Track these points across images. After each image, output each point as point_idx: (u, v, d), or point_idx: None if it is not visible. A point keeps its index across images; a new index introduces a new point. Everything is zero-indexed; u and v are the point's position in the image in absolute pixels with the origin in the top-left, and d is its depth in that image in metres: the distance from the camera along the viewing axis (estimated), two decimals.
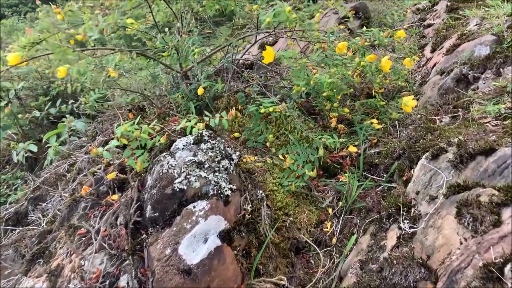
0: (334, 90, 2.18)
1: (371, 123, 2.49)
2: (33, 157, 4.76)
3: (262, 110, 2.08)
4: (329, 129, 2.56)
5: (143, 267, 1.68)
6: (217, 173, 1.76)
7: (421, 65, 3.07)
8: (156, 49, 2.25)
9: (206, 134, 1.78)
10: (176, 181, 1.69)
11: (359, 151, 2.36)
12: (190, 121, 1.78)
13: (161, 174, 1.70)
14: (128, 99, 2.34)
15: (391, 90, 2.82)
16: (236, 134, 2.35)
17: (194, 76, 2.53)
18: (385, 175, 2.19)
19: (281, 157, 2.19)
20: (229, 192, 1.76)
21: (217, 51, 2.32)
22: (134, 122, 1.71)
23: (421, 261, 1.64)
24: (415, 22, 3.67)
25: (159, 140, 1.75)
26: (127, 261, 1.69)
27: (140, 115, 2.60)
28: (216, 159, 1.77)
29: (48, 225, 2.62)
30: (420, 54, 3.20)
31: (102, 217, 1.84)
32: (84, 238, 1.77)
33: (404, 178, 2.07)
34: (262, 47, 4.99)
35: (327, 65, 2.22)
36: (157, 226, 1.73)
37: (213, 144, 1.76)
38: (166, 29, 2.31)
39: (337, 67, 2.20)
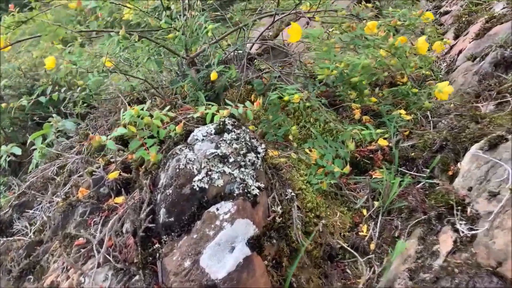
0: (365, 76, 1.91)
1: (400, 114, 2.23)
2: (17, 161, 4.36)
3: (286, 98, 1.80)
4: (353, 121, 2.30)
5: (156, 283, 1.39)
6: (242, 169, 1.47)
7: (444, 53, 2.84)
8: (158, 30, 1.96)
9: (229, 123, 1.49)
10: (196, 178, 1.40)
11: (391, 145, 2.10)
12: (209, 108, 1.49)
13: (177, 170, 1.40)
14: (129, 86, 2.04)
15: (415, 79, 2.58)
16: (251, 127, 2.07)
17: (202, 62, 2.25)
18: (425, 170, 1.93)
19: (307, 151, 1.91)
20: (257, 192, 1.48)
21: (232, 32, 2.04)
22: (144, 108, 1.42)
23: (490, 268, 1.38)
24: (430, 10, 3.45)
25: (174, 129, 1.46)
26: (137, 277, 1.40)
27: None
28: (242, 152, 1.49)
29: (36, 235, 2.30)
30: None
31: (104, 224, 1.54)
32: (83, 250, 1.47)
33: (450, 173, 1.81)
34: (263, 39, 4.72)
35: (356, 46, 1.96)
36: (172, 233, 1.44)
37: (238, 134, 1.48)
38: (172, 7, 2.02)
39: (368, 48, 1.94)
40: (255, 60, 2.43)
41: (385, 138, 2.13)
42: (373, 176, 1.96)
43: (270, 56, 2.79)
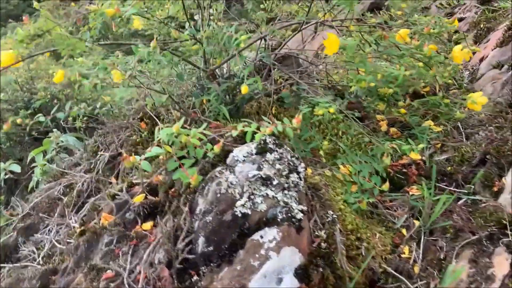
0: (400, 87, 1.81)
1: (429, 125, 2.14)
2: (13, 179, 4.17)
3: (320, 112, 1.69)
4: (380, 133, 2.20)
5: None
6: (286, 191, 1.35)
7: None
8: (182, 41, 1.84)
9: (270, 141, 1.37)
10: (238, 203, 1.28)
11: (423, 158, 2.00)
12: (249, 125, 1.37)
13: (218, 195, 1.28)
14: (151, 101, 1.90)
15: (438, 88, 2.48)
16: None
17: (223, 74, 2.13)
18: (465, 186, 1.83)
19: (342, 168, 1.80)
20: (301, 215, 1.36)
21: (256, 41, 1.93)
22: (181, 125, 1.29)
23: None
24: (443, 17, 3.38)
25: (212, 148, 1.33)
26: None
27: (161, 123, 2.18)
28: (284, 173, 1.37)
29: (46, 261, 2.15)
30: None
31: (134, 253, 1.40)
32: (113, 284, 1.33)
33: (495, 188, 1.71)
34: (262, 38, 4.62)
35: (390, 56, 1.86)
36: (211, 264, 1.31)
37: (281, 153, 1.36)
38: (196, 17, 1.90)
39: (403, 58, 1.84)
40: (274, 70, 2.32)
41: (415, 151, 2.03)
42: (410, 193, 1.85)
43: (284, 65, 2.68)
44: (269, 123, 1.46)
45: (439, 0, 3.60)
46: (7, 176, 3.08)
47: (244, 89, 1.52)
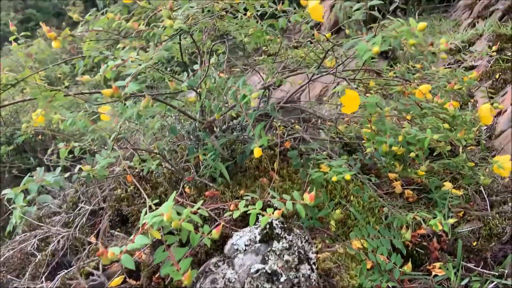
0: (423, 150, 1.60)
1: (449, 189, 1.91)
2: None
3: (334, 179, 1.46)
4: (394, 196, 1.98)
5: None
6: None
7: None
8: (176, 93, 1.62)
9: (277, 225, 1.14)
10: None
11: (443, 228, 1.77)
12: (253, 203, 1.13)
13: None
14: (137, 161, 1.67)
15: (455, 146, 2.28)
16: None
17: (220, 127, 1.91)
18: (495, 267, 1.59)
19: (355, 242, 1.56)
20: None
21: (262, 92, 1.73)
22: (170, 203, 1.05)
23: None
24: (452, 64, 3.22)
25: (210, 233, 1.08)
26: None
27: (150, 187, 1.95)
28: (294, 265, 1.12)
29: None
30: (472, 100, 2.71)
31: None
32: None
33: None
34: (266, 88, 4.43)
35: (410, 114, 1.66)
36: None
37: (290, 241, 1.12)
38: (196, 67, 1.69)
39: (424, 117, 1.64)
40: (277, 123, 2.11)
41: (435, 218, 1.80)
42: (433, 273, 1.61)
43: (283, 110, 2.47)
44: (275, 197, 1.23)
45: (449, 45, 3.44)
46: None
47: (257, 152, 1.29)
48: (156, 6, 1.78)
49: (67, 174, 1.77)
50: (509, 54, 2.94)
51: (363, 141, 1.98)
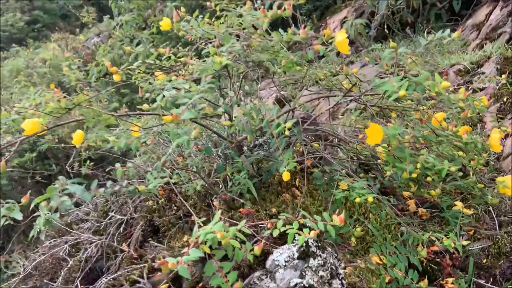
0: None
1: (460, 209, 2.05)
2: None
3: (357, 200, 1.60)
4: (408, 213, 2.11)
5: None
6: None
7: (487, 135, 2.71)
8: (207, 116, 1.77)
9: (313, 244, 1.28)
10: None
11: (455, 246, 1.90)
12: (290, 223, 1.27)
13: None
14: (177, 179, 1.80)
15: (465, 166, 2.41)
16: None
17: (248, 145, 2.05)
18: (504, 283, 1.73)
19: (375, 259, 1.69)
20: None
21: (284, 114, 1.87)
22: (218, 221, 1.20)
23: None
24: (461, 85, 3.36)
25: (253, 249, 1.23)
26: None
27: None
28: (327, 279, 1.26)
29: None
30: (481, 123, 2.86)
31: None
32: None
33: None
34: (278, 101, 4.57)
35: (428, 141, 1.80)
36: None
37: (324, 258, 1.26)
38: (231, 93, 1.84)
39: (441, 144, 1.78)
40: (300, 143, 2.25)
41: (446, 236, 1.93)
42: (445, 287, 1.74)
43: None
44: (307, 218, 1.37)
45: (457, 66, 3.59)
46: (6, 222, 2.95)
47: (286, 176, 1.43)
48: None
49: (101, 189, 1.90)
50: None
51: (379, 160, 2.13)
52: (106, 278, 1.73)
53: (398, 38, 4.99)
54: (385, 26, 5.00)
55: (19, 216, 3.17)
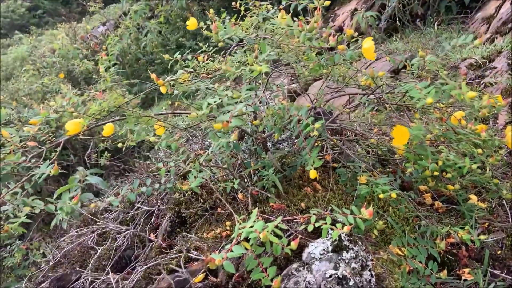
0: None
1: (475, 202, 2.14)
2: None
3: (381, 196, 1.70)
4: (425, 206, 2.20)
5: None
6: None
7: (500, 129, 2.79)
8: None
9: (345, 238, 1.37)
10: None
11: (472, 238, 2.00)
12: (323, 218, 1.36)
13: None
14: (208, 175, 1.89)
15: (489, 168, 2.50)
16: None
17: (273, 141, 2.14)
18: None
19: (396, 251, 1.79)
20: None
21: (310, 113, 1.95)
22: (254, 216, 1.29)
23: None
24: (473, 79, 3.43)
25: (289, 243, 1.32)
26: None
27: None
28: (358, 271, 1.36)
29: None
30: (494, 119, 2.93)
31: None
32: None
33: None
34: (293, 93, 4.63)
35: (448, 139, 1.88)
36: None
37: (356, 252, 1.36)
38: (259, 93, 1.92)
39: (461, 142, 1.86)
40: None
41: (462, 228, 2.03)
42: (463, 277, 1.84)
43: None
44: (337, 212, 1.46)
45: (468, 60, 3.65)
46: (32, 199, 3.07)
47: (313, 174, 1.52)
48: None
49: (143, 188, 1.99)
50: None
51: (396, 155, 2.21)
52: (142, 267, 1.83)
53: (409, 30, 5.03)
54: (396, 18, 5.04)
55: (50, 209, 3.28)
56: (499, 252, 1.93)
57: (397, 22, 5.02)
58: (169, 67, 2.42)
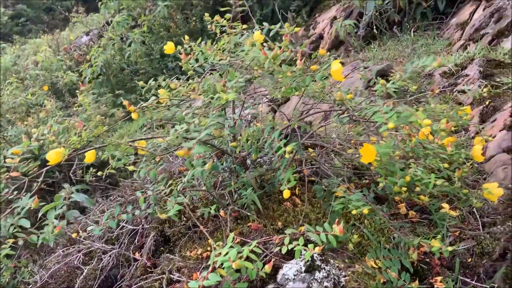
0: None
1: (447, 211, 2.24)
2: None
3: (354, 212, 1.78)
4: (399, 216, 2.29)
5: None
6: None
7: (470, 136, 2.90)
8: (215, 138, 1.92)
9: (317, 258, 1.45)
10: None
11: (442, 249, 2.09)
12: (297, 238, 1.44)
13: None
14: (187, 200, 1.96)
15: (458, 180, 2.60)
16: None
17: (252, 160, 2.21)
18: (487, 281, 1.92)
19: (371, 263, 1.87)
20: None
21: (287, 137, 2.02)
22: (230, 242, 1.36)
23: None
24: (446, 87, 3.55)
25: (263, 268, 1.39)
26: None
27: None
28: None
29: None
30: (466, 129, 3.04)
31: None
32: None
33: None
34: (273, 110, 4.71)
35: (416, 154, 1.97)
36: None
37: (328, 271, 1.43)
38: (235, 116, 1.99)
39: (428, 158, 1.95)
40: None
41: (434, 237, 2.12)
42: (435, 286, 1.93)
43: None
44: (311, 231, 1.53)
45: (442, 68, 3.77)
46: (15, 230, 3.08)
47: (286, 194, 1.60)
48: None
49: (124, 215, 2.05)
50: (498, 80, 3.27)
51: (372, 167, 2.30)
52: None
53: (386, 37, 5.15)
54: (374, 26, 5.15)
55: (26, 224, 3.31)
56: (469, 260, 2.02)
57: (375, 29, 5.13)
58: (152, 77, 2.47)
